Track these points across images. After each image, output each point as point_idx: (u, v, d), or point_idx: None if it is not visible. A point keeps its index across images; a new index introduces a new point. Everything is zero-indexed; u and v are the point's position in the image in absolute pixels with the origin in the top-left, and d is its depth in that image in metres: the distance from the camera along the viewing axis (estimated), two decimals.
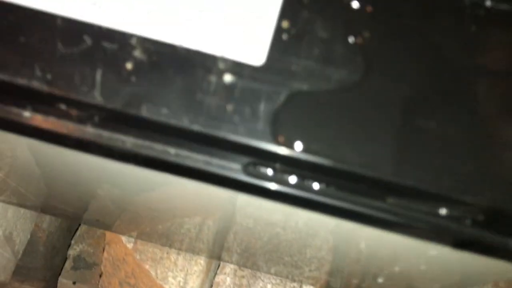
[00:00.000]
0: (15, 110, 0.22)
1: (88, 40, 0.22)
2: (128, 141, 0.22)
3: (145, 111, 0.21)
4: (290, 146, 0.20)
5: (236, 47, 0.21)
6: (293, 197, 0.21)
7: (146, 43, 0.22)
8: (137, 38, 0.22)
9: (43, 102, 0.22)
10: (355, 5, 0.22)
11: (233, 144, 0.21)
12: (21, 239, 0.48)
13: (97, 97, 0.21)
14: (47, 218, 0.52)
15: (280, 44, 0.21)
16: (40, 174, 0.32)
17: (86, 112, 0.21)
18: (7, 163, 0.31)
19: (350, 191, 0.21)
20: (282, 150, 0.20)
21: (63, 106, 0.21)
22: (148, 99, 0.21)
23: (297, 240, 0.31)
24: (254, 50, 0.21)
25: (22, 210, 0.47)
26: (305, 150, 0.20)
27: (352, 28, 0.22)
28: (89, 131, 0.22)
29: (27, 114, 0.22)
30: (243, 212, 0.28)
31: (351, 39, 0.22)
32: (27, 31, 0.22)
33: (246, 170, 0.21)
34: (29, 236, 0.49)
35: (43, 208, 0.47)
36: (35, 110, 0.22)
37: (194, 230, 0.36)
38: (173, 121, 0.21)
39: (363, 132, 0.20)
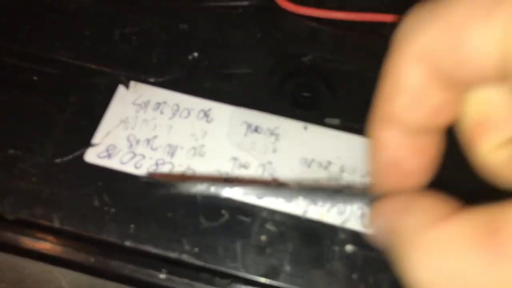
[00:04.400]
0: (151, 272, 0.25)
1: (226, 214, 0.25)
2: None
3: (282, 280, 0.24)
4: None
5: (355, 218, 0.25)
6: None
7: (275, 215, 0.25)
8: (267, 211, 0.25)
9: (183, 267, 0.25)
10: None
11: None
12: None
13: (239, 268, 0.24)
14: None
15: None
16: None
17: (228, 279, 0.24)
18: None
19: None
20: None
21: (206, 275, 0.24)
22: (283, 270, 0.24)
23: None
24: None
25: None
26: None
27: None
28: None
29: (162, 276, 0.25)
30: None
31: None
32: (173, 208, 0.25)
33: None
34: None
35: None
36: (170, 273, 0.25)
37: None
38: None
39: None
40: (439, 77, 0.14)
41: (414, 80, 0.14)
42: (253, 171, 0.26)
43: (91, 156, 0.26)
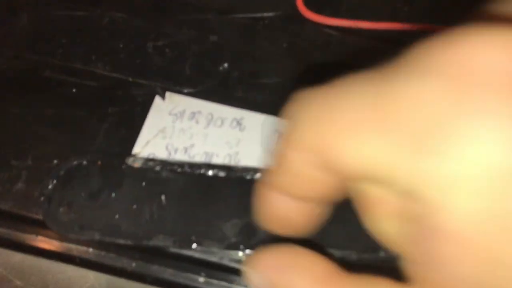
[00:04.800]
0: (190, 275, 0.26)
1: None
2: None
3: None
4: None
5: None
6: None
7: None
8: None
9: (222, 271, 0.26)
10: None
11: None
12: None
13: None
14: None
15: None
16: None
17: None
18: None
19: None
20: None
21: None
22: None
23: None
24: None
25: None
26: None
27: None
28: None
29: (201, 279, 0.26)
30: None
31: None
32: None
33: None
34: None
35: None
36: (209, 276, 0.26)
37: None
38: None
39: None
40: (320, 165, 0.14)
41: (297, 165, 0.15)
42: None
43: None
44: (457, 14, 0.36)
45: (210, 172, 0.27)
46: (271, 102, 0.30)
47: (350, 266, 0.15)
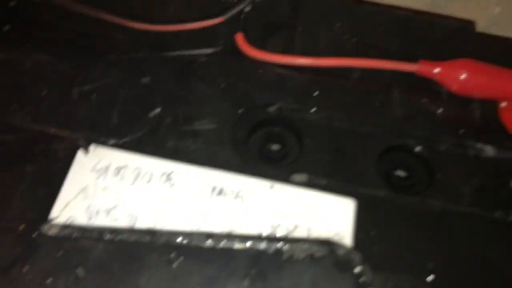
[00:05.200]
0: None
1: None
2: None
3: None
4: None
5: None
6: None
7: None
8: None
9: None
10: None
11: None
12: None
13: None
14: None
15: None
16: None
17: None
18: None
19: None
20: None
21: None
22: None
23: None
24: None
25: None
26: None
27: None
28: None
29: None
30: None
31: None
32: None
33: None
34: None
35: None
36: None
37: None
38: None
39: None
40: None
41: None
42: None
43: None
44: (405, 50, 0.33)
45: (133, 238, 0.25)
46: (206, 151, 0.28)
47: None
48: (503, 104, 0.31)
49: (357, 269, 0.24)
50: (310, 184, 0.27)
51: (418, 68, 0.30)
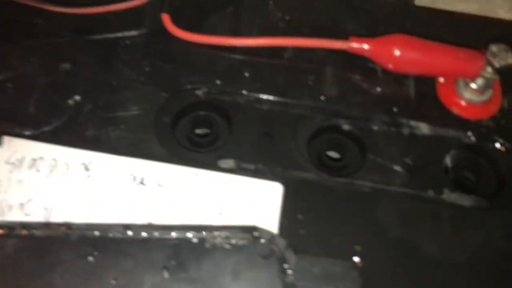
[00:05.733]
0: None
1: None
2: None
3: None
4: None
5: None
6: None
7: None
8: None
9: None
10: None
11: None
12: None
13: None
14: None
15: None
16: None
17: None
18: None
19: None
20: None
21: None
22: None
23: None
24: None
25: None
26: None
27: None
28: None
29: None
30: None
31: None
32: None
33: None
34: None
35: None
36: None
37: None
38: None
39: None
40: None
41: None
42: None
43: None
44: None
45: (47, 232, 0.23)
46: (128, 140, 0.26)
47: None
48: (441, 80, 0.30)
49: (280, 256, 0.24)
50: (237, 169, 0.26)
51: (348, 45, 0.29)
